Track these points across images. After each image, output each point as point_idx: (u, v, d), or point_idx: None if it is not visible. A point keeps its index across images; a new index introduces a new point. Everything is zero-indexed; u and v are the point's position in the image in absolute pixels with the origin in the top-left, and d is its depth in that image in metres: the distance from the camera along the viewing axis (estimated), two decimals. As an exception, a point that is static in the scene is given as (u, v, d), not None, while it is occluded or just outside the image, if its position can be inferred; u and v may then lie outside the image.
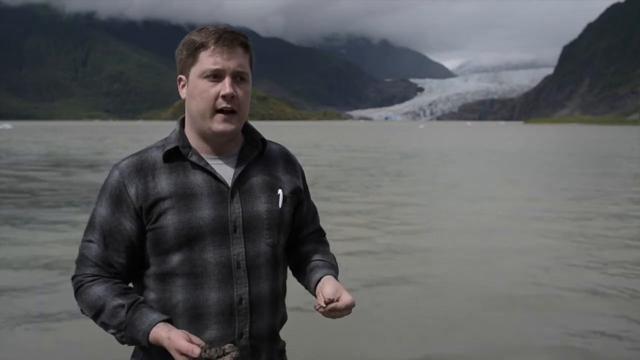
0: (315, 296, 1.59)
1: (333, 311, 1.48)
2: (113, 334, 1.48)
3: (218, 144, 1.55)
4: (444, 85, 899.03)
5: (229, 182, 1.53)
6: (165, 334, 1.40)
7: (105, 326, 1.48)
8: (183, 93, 1.55)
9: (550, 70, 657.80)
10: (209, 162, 1.54)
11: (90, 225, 1.53)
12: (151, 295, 1.54)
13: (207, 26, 1.53)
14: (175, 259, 1.49)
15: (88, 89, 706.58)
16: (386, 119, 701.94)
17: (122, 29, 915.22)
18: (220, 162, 1.55)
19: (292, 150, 1.54)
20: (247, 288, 1.53)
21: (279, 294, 1.63)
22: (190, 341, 1.37)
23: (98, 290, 1.48)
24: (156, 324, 1.42)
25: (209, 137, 1.53)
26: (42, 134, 69.23)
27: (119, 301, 1.46)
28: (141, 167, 1.51)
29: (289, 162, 1.68)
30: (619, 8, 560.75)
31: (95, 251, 1.51)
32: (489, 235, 8.90)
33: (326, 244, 1.78)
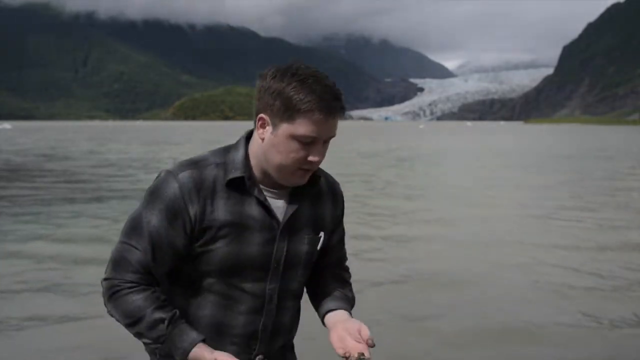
0: (323, 321, 1.65)
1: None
2: (147, 343, 1.50)
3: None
4: (444, 85, 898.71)
5: (280, 217, 1.55)
6: (209, 354, 1.44)
7: (140, 336, 1.49)
8: (262, 133, 1.49)
9: (550, 70, 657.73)
10: (266, 194, 1.54)
11: (136, 230, 1.51)
12: (176, 301, 1.56)
13: (304, 70, 1.45)
14: (214, 279, 1.54)
15: (88, 89, 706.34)
16: (386, 119, 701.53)
17: (122, 29, 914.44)
18: (274, 193, 1.56)
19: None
20: (273, 319, 1.60)
21: (297, 317, 1.71)
22: None
23: (137, 299, 1.49)
24: (197, 343, 1.46)
25: (274, 176, 1.53)
26: (62, 134, 69.15)
27: (159, 314, 1.47)
28: (201, 187, 1.49)
29: (336, 196, 1.71)
30: (619, 8, 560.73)
31: (139, 258, 1.50)
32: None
33: (348, 273, 1.80)
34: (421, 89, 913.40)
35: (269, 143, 1.48)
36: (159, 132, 75.97)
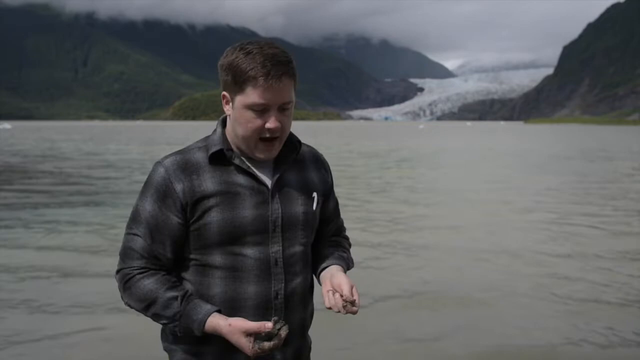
0: (318, 279, 1.74)
1: (349, 312, 1.56)
2: (165, 324, 1.57)
3: None
4: (444, 85, 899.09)
5: (269, 184, 1.61)
6: (224, 321, 1.51)
7: (157, 317, 1.56)
8: (227, 110, 1.59)
9: (550, 70, 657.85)
10: (250, 164, 1.61)
11: (135, 219, 1.60)
12: (188, 286, 1.61)
13: (252, 44, 1.52)
14: (216, 253, 1.57)
15: (88, 89, 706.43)
16: (386, 119, 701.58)
17: (122, 29, 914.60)
18: (259, 164, 1.62)
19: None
20: (282, 284, 1.62)
21: (308, 289, 1.73)
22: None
23: (148, 283, 1.56)
24: (212, 313, 1.52)
25: (245, 150, 1.61)
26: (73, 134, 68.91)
27: (172, 293, 1.54)
28: (186, 166, 1.57)
29: (320, 163, 1.78)
30: (619, 8, 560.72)
31: (141, 244, 1.57)
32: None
33: (346, 238, 1.90)
34: (421, 89, 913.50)
35: (233, 117, 1.58)
36: (159, 132, 75.79)
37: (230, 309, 1.58)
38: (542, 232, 9.09)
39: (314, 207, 1.69)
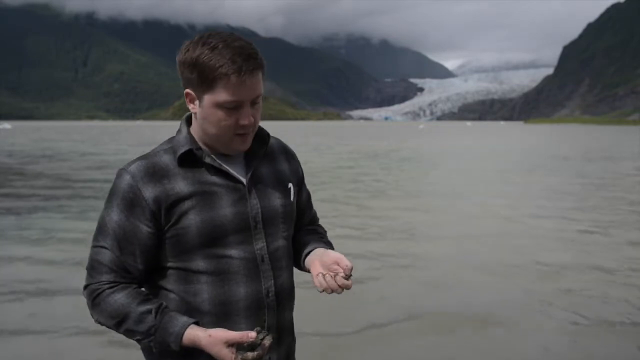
0: (303, 266, 1.68)
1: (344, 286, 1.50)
2: (139, 340, 1.47)
3: None
4: (444, 85, 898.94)
5: (244, 179, 1.55)
6: (203, 332, 1.42)
7: (131, 333, 1.47)
8: (193, 108, 1.50)
9: (550, 70, 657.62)
10: (220, 161, 1.54)
11: (101, 231, 1.50)
12: (171, 296, 1.52)
13: (215, 37, 1.43)
14: (199, 257, 1.49)
15: (88, 89, 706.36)
16: (386, 119, 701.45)
17: (122, 29, 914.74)
18: (230, 160, 1.56)
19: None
20: (272, 281, 1.56)
21: (294, 284, 1.67)
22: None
23: (119, 297, 1.46)
24: (189, 325, 1.43)
25: (217, 146, 1.54)
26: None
27: (145, 307, 1.45)
28: (154, 170, 1.49)
29: (289, 154, 1.73)
30: (619, 8, 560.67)
31: (109, 257, 1.48)
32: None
33: (320, 226, 1.85)
34: (421, 89, 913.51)
35: (201, 116, 1.49)
36: (158, 132, 75.57)
37: (222, 314, 1.50)
38: (554, 240, 8.68)
39: (292, 199, 1.65)
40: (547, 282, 6.36)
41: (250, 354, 1.39)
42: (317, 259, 1.60)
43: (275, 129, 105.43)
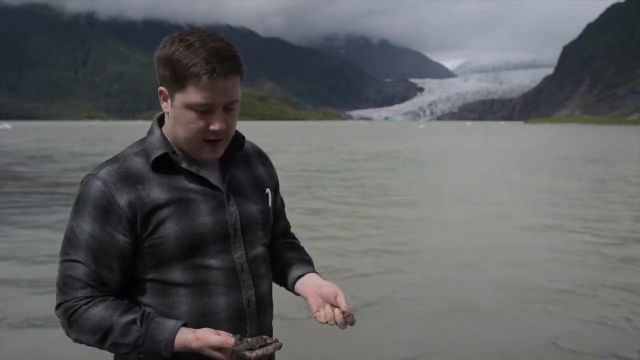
0: (293, 290, 1.61)
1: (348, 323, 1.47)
2: (127, 353, 1.38)
3: None
4: (444, 85, 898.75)
5: (220, 185, 1.49)
6: (192, 335, 1.34)
7: (116, 347, 1.37)
8: (165, 107, 1.43)
9: (550, 70, 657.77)
10: (196, 166, 1.47)
11: (71, 243, 1.39)
12: (148, 310, 1.42)
13: (194, 35, 1.35)
14: (176, 268, 1.42)
15: (88, 89, 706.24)
16: (386, 119, 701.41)
17: (122, 29, 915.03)
18: (205, 165, 1.48)
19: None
20: (252, 290, 1.51)
21: (272, 292, 1.62)
22: (219, 335, 1.34)
23: (98, 311, 1.36)
24: (179, 329, 1.36)
25: (187, 151, 1.47)
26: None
27: (128, 317, 1.36)
28: (127, 175, 1.39)
29: (264, 158, 1.67)
30: (619, 8, 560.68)
31: (83, 271, 1.37)
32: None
33: (296, 239, 1.79)
34: (421, 89, 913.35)
35: (172, 116, 1.42)
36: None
37: (202, 326, 1.40)
38: (560, 241, 8.57)
39: (270, 204, 1.59)
40: (560, 282, 6.26)
41: (248, 354, 1.34)
42: (316, 290, 1.53)
43: (275, 129, 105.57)
